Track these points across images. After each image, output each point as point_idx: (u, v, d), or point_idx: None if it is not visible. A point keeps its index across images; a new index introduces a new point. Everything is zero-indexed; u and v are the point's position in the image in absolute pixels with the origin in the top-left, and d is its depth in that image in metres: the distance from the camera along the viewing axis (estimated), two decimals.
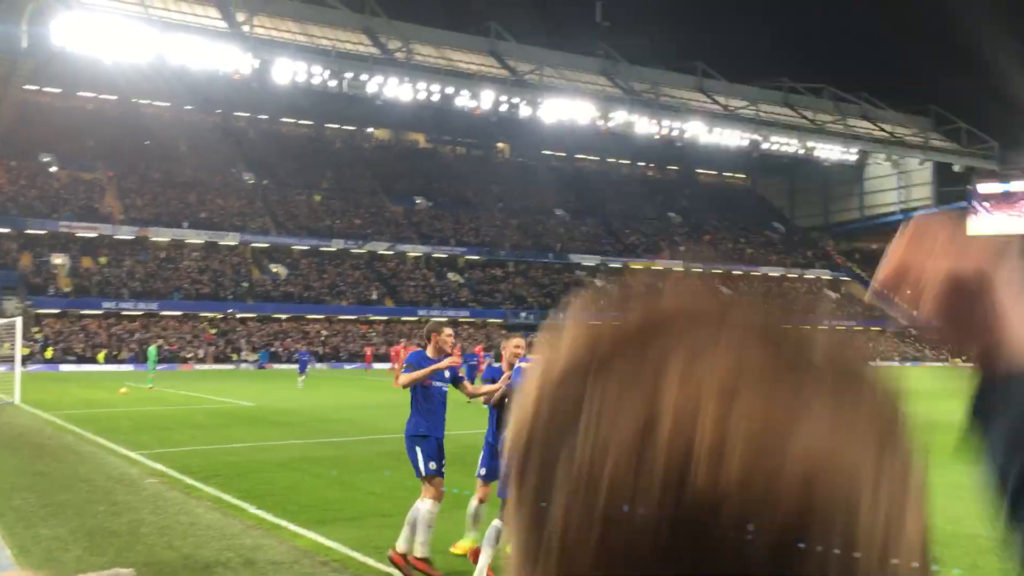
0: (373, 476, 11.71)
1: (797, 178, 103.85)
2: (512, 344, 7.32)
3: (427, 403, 7.18)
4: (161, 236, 66.40)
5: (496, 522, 6.61)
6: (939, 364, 79.39)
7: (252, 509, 9.34)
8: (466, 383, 7.59)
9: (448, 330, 7.32)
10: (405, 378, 7.21)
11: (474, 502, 7.40)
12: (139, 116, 79.32)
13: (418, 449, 7.09)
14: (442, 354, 7.21)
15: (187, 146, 76.76)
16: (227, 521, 8.84)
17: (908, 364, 77.82)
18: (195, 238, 67.65)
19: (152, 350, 34.46)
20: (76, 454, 14.16)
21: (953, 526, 8.39)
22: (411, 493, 10.34)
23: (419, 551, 6.87)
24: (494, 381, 7.32)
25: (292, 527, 8.49)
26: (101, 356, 54.82)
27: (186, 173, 73.99)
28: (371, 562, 7.16)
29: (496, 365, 7.96)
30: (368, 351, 60.33)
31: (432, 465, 7.04)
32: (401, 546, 6.90)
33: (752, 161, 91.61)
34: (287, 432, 17.31)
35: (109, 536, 8.19)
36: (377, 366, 57.60)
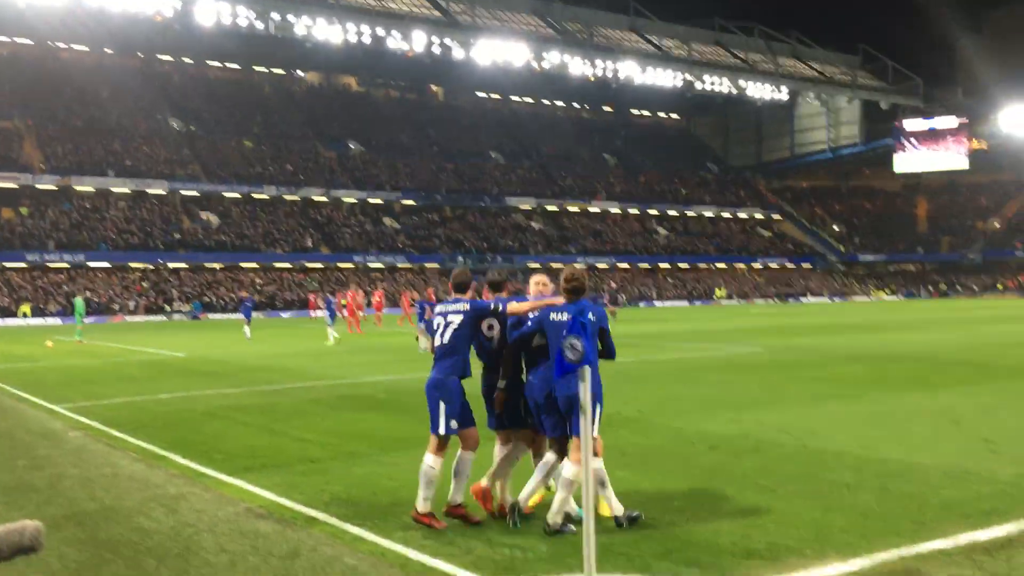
0: (303, 422, 11.58)
1: (730, 118, 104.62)
2: (535, 280, 6.90)
3: None
4: (85, 185, 64.47)
5: (549, 455, 6.40)
6: (863, 299, 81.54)
7: (178, 459, 9.17)
8: None
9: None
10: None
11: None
12: (57, 61, 76.38)
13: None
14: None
15: (109, 92, 74.26)
16: (151, 472, 8.67)
17: (836, 299, 79.69)
18: (121, 187, 65.78)
19: (79, 302, 33.30)
20: None
21: (865, 451, 8.62)
22: (342, 440, 10.26)
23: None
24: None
25: (217, 475, 8.34)
26: (26, 308, 53.40)
27: (109, 120, 71.74)
28: (297, 507, 7.05)
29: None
30: (311, 298, 59.56)
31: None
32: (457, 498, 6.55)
33: (686, 101, 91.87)
34: (218, 382, 17.05)
35: (28, 491, 7.96)
36: (318, 314, 56.91)
